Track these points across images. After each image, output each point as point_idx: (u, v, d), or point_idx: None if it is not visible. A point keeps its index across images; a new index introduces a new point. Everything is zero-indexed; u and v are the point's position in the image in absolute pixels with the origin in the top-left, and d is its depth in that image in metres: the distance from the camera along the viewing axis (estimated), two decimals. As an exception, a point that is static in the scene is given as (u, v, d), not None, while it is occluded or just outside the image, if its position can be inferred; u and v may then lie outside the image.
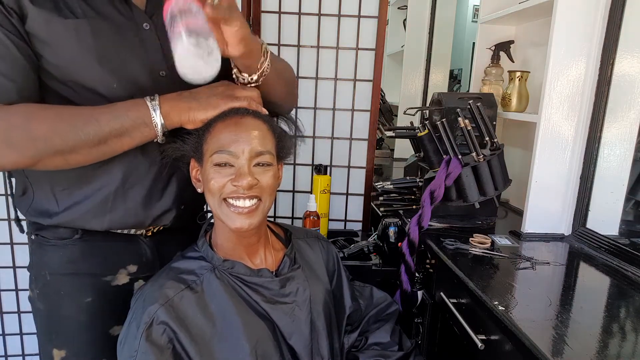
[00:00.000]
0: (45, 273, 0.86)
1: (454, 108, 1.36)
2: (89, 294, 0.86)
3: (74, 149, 0.71)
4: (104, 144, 0.73)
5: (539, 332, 0.77)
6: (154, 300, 0.75)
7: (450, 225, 1.36)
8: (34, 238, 0.87)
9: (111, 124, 0.72)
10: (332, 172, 1.68)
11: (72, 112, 0.73)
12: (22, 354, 1.74)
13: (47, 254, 0.86)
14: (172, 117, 0.76)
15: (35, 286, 0.87)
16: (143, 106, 0.74)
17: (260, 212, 0.80)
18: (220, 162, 0.77)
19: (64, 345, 0.87)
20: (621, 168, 1.24)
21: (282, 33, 1.60)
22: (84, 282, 0.86)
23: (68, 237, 0.85)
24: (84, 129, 0.71)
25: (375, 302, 1.05)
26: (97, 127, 0.72)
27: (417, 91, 2.76)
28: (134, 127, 0.74)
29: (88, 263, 0.86)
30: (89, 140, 0.71)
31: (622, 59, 1.17)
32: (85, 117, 0.72)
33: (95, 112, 0.73)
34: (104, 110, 0.73)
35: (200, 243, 0.86)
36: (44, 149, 0.70)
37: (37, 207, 0.84)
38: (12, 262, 1.64)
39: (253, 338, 0.78)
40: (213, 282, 0.81)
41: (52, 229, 0.85)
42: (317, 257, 0.97)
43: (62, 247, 0.85)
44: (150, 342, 0.73)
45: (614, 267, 1.09)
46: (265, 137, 0.80)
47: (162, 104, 0.75)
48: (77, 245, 0.86)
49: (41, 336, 0.90)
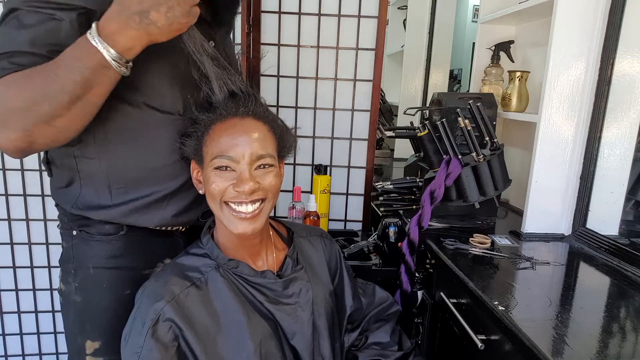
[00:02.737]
0: (89, 267, 0.87)
1: (454, 108, 1.36)
2: (128, 287, 0.88)
3: (54, 113, 0.68)
4: (78, 100, 0.69)
5: (539, 332, 0.77)
6: (160, 297, 0.75)
7: (450, 225, 1.36)
8: (75, 233, 0.88)
9: (71, 76, 0.67)
10: (332, 172, 1.68)
11: (34, 71, 0.68)
12: (22, 354, 1.74)
13: (92, 249, 0.87)
14: (133, 51, 0.69)
15: (73, 279, 0.89)
16: (91, 50, 0.67)
17: (263, 215, 0.80)
18: (220, 167, 0.77)
19: (100, 337, 0.89)
20: (621, 168, 1.24)
21: (282, 33, 1.60)
22: (124, 275, 0.88)
23: (114, 232, 0.87)
24: (49, 86, 0.67)
25: (377, 302, 1.05)
26: (59, 85, 0.67)
27: (417, 91, 2.76)
28: (96, 72, 0.68)
29: (130, 258, 0.89)
30: (61, 100, 0.67)
31: (622, 59, 1.17)
32: (44, 73, 0.67)
33: (52, 68, 0.68)
34: (58, 64, 0.68)
35: (205, 240, 0.86)
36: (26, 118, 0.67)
37: (86, 201, 0.85)
38: (12, 262, 1.64)
39: (257, 337, 0.78)
40: (217, 280, 0.81)
41: (98, 225, 0.86)
42: (319, 256, 0.97)
43: (106, 242, 0.87)
44: (155, 339, 0.73)
45: (614, 267, 1.09)
46: (266, 139, 0.79)
47: (110, 38, 0.67)
48: (121, 241, 0.88)
49: (73, 328, 0.91)
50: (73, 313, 0.90)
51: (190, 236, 0.96)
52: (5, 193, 1.58)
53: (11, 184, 1.58)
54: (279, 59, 1.62)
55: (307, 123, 1.66)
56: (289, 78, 1.63)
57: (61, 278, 0.91)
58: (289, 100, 1.65)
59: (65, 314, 0.92)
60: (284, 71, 1.63)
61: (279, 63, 1.62)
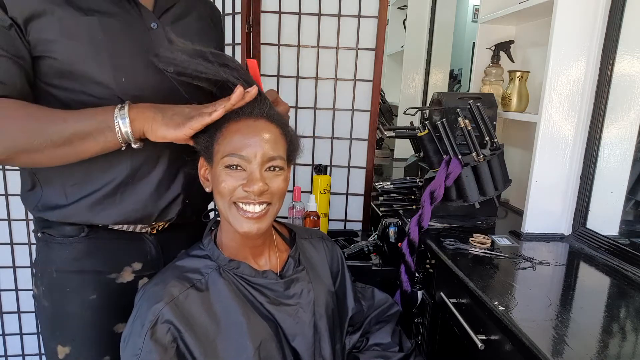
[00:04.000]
0: (52, 270, 0.86)
1: (454, 108, 1.36)
2: (94, 291, 0.87)
3: (39, 149, 0.72)
4: (68, 145, 0.73)
5: (539, 332, 0.77)
6: (159, 298, 0.75)
7: (450, 225, 1.36)
8: (40, 236, 0.88)
9: (77, 125, 0.73)
10: (332, 172, 1.69)
11: (42, 112, 0.74)
12: (22, 354, 1.74)
13: (54, 252, 0.86)
14: (136, 125, 0.75)
15: (40, 283, 0.88)
16: (110, 111, 0.75)
17: (269, 217, 0.80)
18: (231, 165, 0.77)
19: (69, 342, 0.88)
20: (621, 168, 1.24)
21: (282, 33, 1.60)
22: (89, 279, 0.87)
23: (74, 234, 0.86)
24: (49, 128, 0.72)
25: (376, 304, 1.05)
26: (62, 127, 0.72)
27: (417, 91, 2.76)
28: (98, 130, 0.74)
29: (93, 261, 0.87)
30: (53, 140, 0.72)
31: (622, 59, 1.17)
32: (53, 117, 0.73)
33: (64, 113, 0.74)
34: (73, 113, 0.74)
35: (206, 242, 0.86)
36: (11, 147, 0.71)
37: (46, 202, 0.85)
38: (12, 262, 1.64)
39: (257, 339, 0.78)
40: (218, 281, 0.81)
41: (58, 227, 0.86)
42: (321, 258, 0.97)
43: (68, 245, 0.86)
44: (154, 340, 0.73)
45: (614, 267, 1.09)
46: (277, 141, 0.79)
47: (130, 110, 0.75)
48: (83, 243, 0.86)
49: (45, 332, 0.90)
50: (44, 318, 0.90)
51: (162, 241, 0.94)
52: (5, 193, 1.58)
53: (11, 183, 1.58)
54: (279, 59, 1.62)
55: (307, 123, 1.66)
56: (289, 78, 1.63)
57: (33, 282, 0.91)
58: (289, 100, 1.65)
59: (38, 318, 0.92)
60: (284, 71, 1.63)
61: (279, 63, 1.62)
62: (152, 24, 0.84)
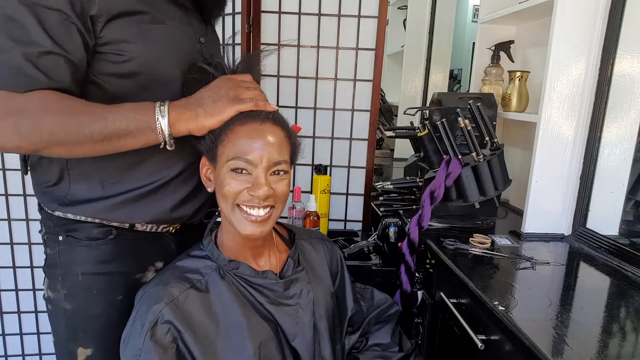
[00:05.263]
0: (77, 273, 0.86)
1: (454, 108, 1.36)
2: (121, 293, 0.87)
3: (78, 143, 0.72)
4: (107, 142, 0.74)
5: (539, 332, 0.77)
6: (159, 299, 0.75)
7: (450, 225, 1.36)
8: (62, 239, 0.86)
9: (117, 123, 0.73)
10: (332, 172, 1.69)
11: (83, 107, 0.73)
12: (22, 354, 1.74)
13: (80, 255, 0.86)
14: (178, 126, 0.76)
15: (61, 286, 0.87)
16: (151, 110, 0.75)
17: (272, 220, 0.81)
18: (237, 169, 0.77)
19: (92, 344, 0.88)
20: (621, 168, 1.24)
21: (282, 33, 1.60)
22: (116, 281, 0.87)
23: (102, 237, 0.86)
24: (90, 125, 0.72)
25: (376, 304, 1.05)
26: (102, 125, 0.72)
27: (417, 91, 2.76)
28: (139, 130, 0.74)
29: (121, 262, 0.87)
30: (93, 137, 0.72)
31: (622, 59, 1.17)
32: (94, 113, 0.73)
33: (104, 110, 0.74)
34: (113, 109, 0.74)
35: (206, 242, 0.86)
36: (48, 140, 0.71)
37: (75, 197, 0.83)
38: (12, 262, 1.64)
39: (257, 340, 0.78)
40: (218, 282, 0.81)
41: (86, 229, 0.85)
42: (320, 258, 0.97)
43: (95, 247, 0.86)
44: (154, 341, 0.73)
45: (614, 267, 1.09)
46: (282, 145, 0.80)
47: (170, 111, 0.75)
48: (110, 245, 0.86)
49: (63, 335, 0.89)
50: (64, 320, 0.89)
51: (180, 239, 0.95)
52: (5, 193, 1.58)
53: (11, 183, 1.58)
54: (279, 59, 1.62)
55: (307, 123, 1.66)
56: (289, 78, 1.63)
57: (47, 285, 0.89)
58: (289, 100, 1.65)
59: (54, 321, 0.91)
60: (284, 71, 1.63)
61: (279, 63, 1.62)
62: (201, 39, 0.90)
